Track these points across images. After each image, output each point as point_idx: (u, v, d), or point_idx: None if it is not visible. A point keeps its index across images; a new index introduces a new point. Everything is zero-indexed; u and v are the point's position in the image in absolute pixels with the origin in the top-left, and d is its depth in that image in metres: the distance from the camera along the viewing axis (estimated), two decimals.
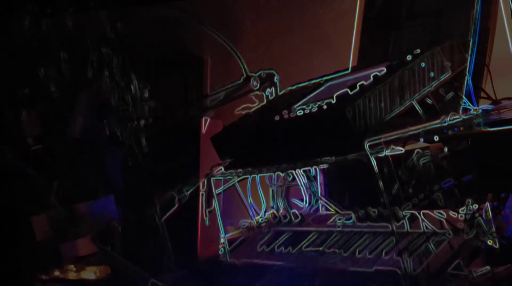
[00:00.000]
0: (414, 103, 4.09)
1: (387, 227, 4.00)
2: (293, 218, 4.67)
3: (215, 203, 4.73)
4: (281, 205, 4.82)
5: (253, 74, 5.07)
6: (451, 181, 3.96)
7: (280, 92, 4.95)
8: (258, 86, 5.03)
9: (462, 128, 3.89)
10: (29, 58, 5.70)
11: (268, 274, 4.32)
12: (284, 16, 5.53)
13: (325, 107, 4.03)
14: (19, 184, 5.74)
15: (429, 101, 4.20)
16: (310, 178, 4.74)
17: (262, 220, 4.83)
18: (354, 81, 4.16)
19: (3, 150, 5.70)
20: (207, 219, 4.84)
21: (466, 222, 3.80)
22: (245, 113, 4.80)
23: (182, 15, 5.59)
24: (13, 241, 5.64)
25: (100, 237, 5.52)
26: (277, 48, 5.47)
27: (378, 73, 4.09)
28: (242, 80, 5.14)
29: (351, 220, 4.33)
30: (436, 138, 3.90)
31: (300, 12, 5.48)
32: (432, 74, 4.14)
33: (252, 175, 4.59)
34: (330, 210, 4.64)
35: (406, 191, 4.02)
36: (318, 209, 4.75)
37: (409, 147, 4.03)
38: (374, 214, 4.20)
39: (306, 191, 4.77)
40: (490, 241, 3.78)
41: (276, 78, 4.99)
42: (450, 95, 4.25)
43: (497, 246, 3.77)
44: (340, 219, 4.39)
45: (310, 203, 4.78)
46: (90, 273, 5.45)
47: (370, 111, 3.92)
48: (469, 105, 4.18)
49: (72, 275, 5.53)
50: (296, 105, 4.34)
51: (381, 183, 3.81)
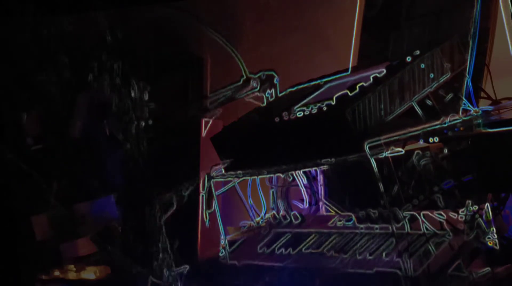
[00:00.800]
0: (414, 104, 4.09)
1: (387, 228, 4.01)
2: (293, 219, 4.67)
3: (215, 205, 4.73)
4: (281, 206, 4.82)
5: (253, 75, 5.07)
6: (451, 182, 3.96)
7: (280, 93, 4.95)
8: (258, 87, 5.03)
9: (462, 129, 3.90)
10: (29, 59, 5.70)
11: (269, 275, 4.32)
12: (284, 16, 5.52)
13: (325, 109, 4.03)
14: (19, 184, 5.74)
15: (429, 102, 4.20)
16: (310, 179, 4.74)
17: (262, 221, 4.83)
18: (354, 82, 4.16)
19: (3, 150, 5.70)
20: (207, 220, 4.85)
21: (466, 223, 3.81)
22: (245, 114, 4.80)
23: (182, 15, 5.58)
24: (13, 241, 5.64)
25: (100, 237, 5.53)
26: (277, 49, 5.46)
27: (378, 75, 4.09)
28: (242, 82, 5.14)
29: (351, 221, 4.33)
30: (436, 139, 3.90)
31: (300, 12, 5.46)
32: (432, 75, 4.14)
33: (252, 176, 4.59)
34: (330, 211, 4.64)
35: (406, 192, 4.03)
36: (318, 210, 4.75)
37: (409, 148, 4.03)
38: (374, 215, 4.20)
39: (306, 192, 4.77)
40: (490, 242, 3.77)
41: (276, 80, 4.98)
42: (450, 96, 4.25)
43: (497, 247, 3.77)
44: (340, 220, 4.40)
45: (310, 204, 4.78)
46: (90, 273, 5.46)
47: (370, 112, 3.93)
48: (469, 106, 4.18)
49: (72, 275, 5.54)
50: (296, 107, 4.33)
51: (381, 184, 3.82)
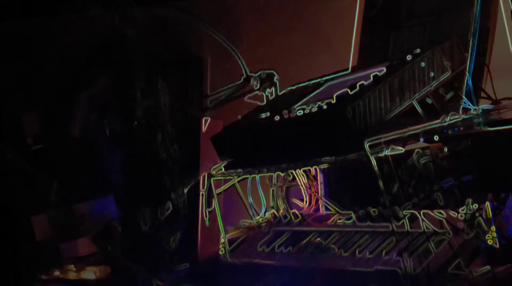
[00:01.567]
0: (414, 103, 4.09)
1: (387, 227, 4.01)
2: (293, 218, 4.67)
3: (215, 203, 4.74)
4: (281, 205, 4.82)
5: (253, 74, 5.08)
6: (451, 181, 3.96)
7: (280, 92, 4.96)
8: (258, 86, 5.04)
9: (462, 128, 3.89)
10: (29, 58, 5.70)
11: (268, 274, 4.32)
12: (284, 16, 5.52)
13: (325, 107, 4.03)
14: (19, 184, 5.74)
15: (429, 101, 4.20)
16: (310, 178, 4.74)
17: (262, 220, 4.83)
18: (354, 81, 4.16)
19: (3, 150, 5.70)
20: (207, 219, 4.85)
21: (466, 222, 3.80)
22: (245, 113, 4.80)
23: (182, 15, 5.59)
24: (13, 241, 5.64)
25: (100, 237, 5.53)
26: (277, 48, 5.46)
27: (378, 73, 4.09)
28: (242, 80, 5.15)
29: (351, 220, 4.33)
30: (436, 138, 3.90)
31: (300, 12, 5.47)
32: (432, 74, 4.14)
33: (252, 175, 4.59)
34: (330, 210, 4.64)
35: (406, 191, 4.03)
36: (318, 209, 4.75)
37: (409, 147, 4.04)
38: (374, 214, 4.20)
39: (306, 191, 4.77)
40: (490, 241, 3.77)
41: (276, 78, 4.99)
42: (450, 95, 4.25)
43: (497, 246, 3.77)
44: (340, 219, 4.40)
45: (310, 203, 4.78)
46: (90, 273, 5.46)
47: (370, 111, 3.93)
48: (469, 105, 4.18)
49: (72, 275, 5.54)
50: (296, 105, 4.34)
51: (381, 183, 3.82)
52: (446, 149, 3.98)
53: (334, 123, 3.93)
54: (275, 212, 4.81)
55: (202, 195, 4.80)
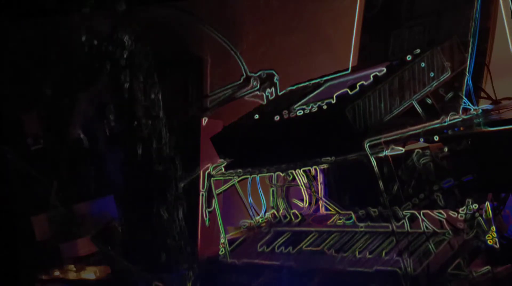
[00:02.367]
0: (414, 103, 4.08)
1: (387, 227, 4.01)
2: (293, 218, 4.67)
3: (215, 203, 4.74)
4: (281, 205, 4.82)
5: (253, 74, 5.08)
6: (451, 181, 3.96)
7: (280, 92, 4.96)
8: (258, 86, 5.04)
9: (462, 128, 3.89)
10: (30, 59, 5.70)
11: (268, 274, 4.32)
12: (284, 16, 5.53)
13: (325, 107, 4.03)
14: (19, 184, 5.74)
15: (429, 101, 4.20)
16: (310, 178, 4.74)
17: (262, 220, 4.83)
18: (354, 81, 4.16)
19: (3, 150, 5.70)
20: (207, 219, 4.85)
21: (466, 222, 3.80)
22: (245, 113, 4.80)
23: (182, 15, 5.59)
24: (13, 241, 5.64)
25: (100, 237, 5.53)
26: (277, 48, 5.47)
27: (378, 73, 4.09)
28: (242, 80, 5.15)
29: (351, 220, 4.33)
30: (436, 138, 3.89)
31: (300, 12, 5.47)
32: (432, 74, 4.14)
33: (252, 175, 4.59)
34: (330, 210, 4.64)
35: (406, 191, 4.02)
36: (318, 209, 4.75)
37: (409, 147, 4.03)
38: (374, 214, 4.20)
39: (306, 191, 4.77)
40: (490, 241, 3.77)
41: (276, 78, 4.99)
42: (450, 95, 4.25)
43: (497, 246, 3.77)
44: (340, 219, 4.40)
45: (310, 203, 4.78)
46: (90, 273, 5.46)
47: (370, 111, 3.92)
48: (469, 105, 4.18)
49: (72, 275, 5.54)
50: (296, 105, 4.33)
51: (381, 183, 3.82)
52: (446, 149, 3.97)
53: (334, 123, 3.93)
54: (275, 212, 4.81)
55: (202, 195, 4.80)
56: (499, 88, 4.39)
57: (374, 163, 3.80)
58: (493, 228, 3.78)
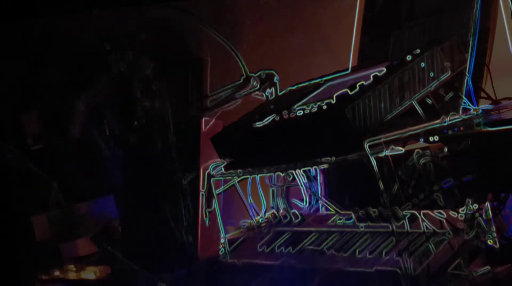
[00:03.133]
0: (414, 103, 4.08)
1: (387, 227, 4.01)
2: (293, 218, 4.67)
3: (215, 203, 4.74)
4: (281, 205, 4.82)
5: (253, 75, 5.08)
6: (451, 181, 3.96)
7: (280, 92, 4.96)
8: (258, 86, 5.04)
9: (462, 128, 3.89)
10: (30, 59, 5.70)
11: (268, 274, 4.32)
12: (284, 16, 5.53)
13: (325, 107, 4.03)
14: (19, 184, 5.74)
15: (429, 101, 4.20)
16: (310, 178, 4.74)
17: (262, 220, 4.83)
18: (354, 81, 4.16)
19: (3, 150, 5.70)
20: (207, 219, 4.85)
21: (466, 222, 3.80)
22: (245, 114, 4.80)
23: (182, 15, 5.59)
24: (13, 241, 5.64)
25: (100, 237, 5.53)
26: (277, 48, 5.47)
27: (378, 73, 4.09)
28: (242, 80, 5.15)
29: (351, 220, 4.33)
30: (436, 138, 3.89)
31: (300, 12, 5.47)
32: (432, 74, 4.13)
33: (252, 175, 4.59)
34: (330, 210, 4.64)
35: (406, 191, 4.03)
36: (318, 209, 4.75)
37: (409, 147, 4.03)
38: (374, 214, 4.20)
39: (306, 191, 4.77)
40: (490, 241, 3.77)
41: (276, 78, 4.99)
42: (450, 95, 4.25)
43: (497, 246, 3.77)
44: (340, 219, 4.40)
45: (310, 203, 4.78)
46: (90, 273, 5.46)
47: (370, 111, 3.92)
48: (469, 105, 4.17)
49: (72, 275, 5.54)
50: (296, 105, 4.33)
51: (381, 183, 3.82)
52: (446, 149, 3.97)
53: (334, 123, 3.92)
54: (275, 212, 4.81)
55: (202, 195, 4.81)
56: (499, 88, 4.39)
57: (374, 163, 3.79)
58: (493, 228, 3.78)
